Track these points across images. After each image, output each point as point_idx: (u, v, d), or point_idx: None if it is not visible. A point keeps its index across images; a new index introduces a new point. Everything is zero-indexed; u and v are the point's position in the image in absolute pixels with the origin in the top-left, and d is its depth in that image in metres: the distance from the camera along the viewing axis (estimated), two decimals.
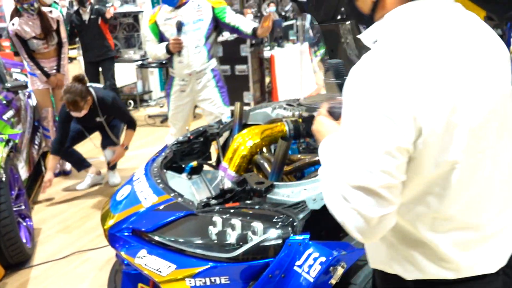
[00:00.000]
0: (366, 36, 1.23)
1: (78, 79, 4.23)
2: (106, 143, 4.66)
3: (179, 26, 3.98)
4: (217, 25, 4.12)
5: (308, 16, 3.73)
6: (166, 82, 4.41)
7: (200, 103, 4.27)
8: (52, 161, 4.50)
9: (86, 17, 6.62)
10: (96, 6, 6.71)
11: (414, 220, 1.19)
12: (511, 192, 1.25)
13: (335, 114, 1.37)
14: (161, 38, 4.14)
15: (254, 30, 4.01)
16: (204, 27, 4.05)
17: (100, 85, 4.56)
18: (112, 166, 4.88)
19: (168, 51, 4.03)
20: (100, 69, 6.98)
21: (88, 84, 4.43)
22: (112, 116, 4.58)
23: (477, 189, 1.18)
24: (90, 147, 5.00)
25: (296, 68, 8.10)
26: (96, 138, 4.77)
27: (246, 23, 4.10)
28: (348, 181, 1.10)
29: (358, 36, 1.28)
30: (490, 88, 1.15)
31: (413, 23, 1.14)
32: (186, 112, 4.31)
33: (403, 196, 1.13)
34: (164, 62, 5.27)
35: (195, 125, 4.28)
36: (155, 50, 4.14)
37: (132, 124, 4.54)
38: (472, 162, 1.15)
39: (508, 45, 1.99)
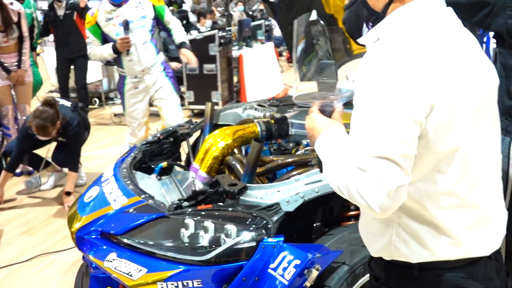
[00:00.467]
0: (369, 35, 1.33)
1: (49, 103, 4.02)
2: (58, 156, 4.43)
3: (126, 25, 3.97)
4: (158, 21, 4.21)
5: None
6: (118, 82, 4.40)
7: (154, 94, 4.27)
8: (4, 178, 4.34)
9: (61, 12, 6.48)
10: (72, 1, 6.53)
11: (422, 198, 1.25)
12: (499, 181, 1.37)
13: (326, 112, 1.41)
14: (104, 38, 4.13)
15: (180, 45, 4.24)
16: (148, 24, 4.11)
17: (68, 104, 4.37)
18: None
19: (115, 51, 4.02)
20: (73, 66, 6.83)
21: (57, 99, 4.29)
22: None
23: (478, 170, 1.28)
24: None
25: (265, 68, 8.11)
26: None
27: (178, 31, 4.26)
28: (369, 151, 1.15)
29: (359, 40, 1.41)
30: (483, 80, 1.28)
31: (415, 20, 1.25)
32: (142, 109, 4.30)
33: (413, 174, 1.19)
34: (110, 61, 5.19)
35: (155, 125, 4.27)
36: (100, 51, 4.11)
37: (75, 166, 4.34)
38: (473, 144, 1.25)
39: None
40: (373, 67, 1.20)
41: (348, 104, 3.35)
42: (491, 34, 2.20)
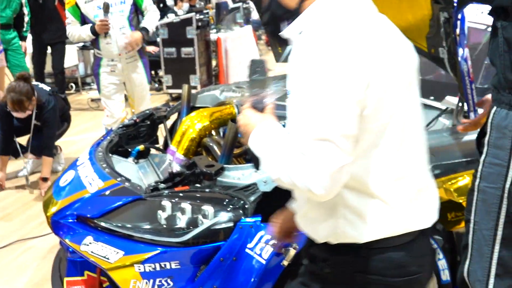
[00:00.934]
0: (291, 29, 1.34)
1: (23, 77, 3.95)
2: (35, 143, 4.31)
3: (107, 8, 4.00)
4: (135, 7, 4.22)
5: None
6: (93, 63, 4.39)
7: (127, 79, 4.30)
8: (2, 161, 4.31)
9: None
10: None
11: (364, 175, 1.28)
12: (426, 153, 1.42)
13: (258, 109, 1.43)
14: (83, 20, 4.14)
15: (141, 29, 4.22)
16: (126, 9, 4.14)
17: (47, 88, 4.30)
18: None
19: (94, 32, 4.04)
20: (50, 51, 6.71)
21: (34, 83, 4.21)
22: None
23: (411, 142, 1.34)
24: None
25: (243, 51, 8.05)
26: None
27: (150, 17, 4.28)
28: (308, 135, 1.17)
29: (281, 33, 1.39)
30: (407, 58, 1.34)
31: (337, 8, 1.28)
32: (118, 89, 4.31)
33: (354, 153, 1.22)
34: (86, 45, 5.11)
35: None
36: (79, 32, 4.14)
37: (49, 151, 4.26)
38: (405, 118, 1.31)
39: (454, 28, 2.02)
40: (305, 54, 1.21)
41: None
42: (468, 10, 2.19)
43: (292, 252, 1.84)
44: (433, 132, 2.33)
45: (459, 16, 1.81)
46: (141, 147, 2.92)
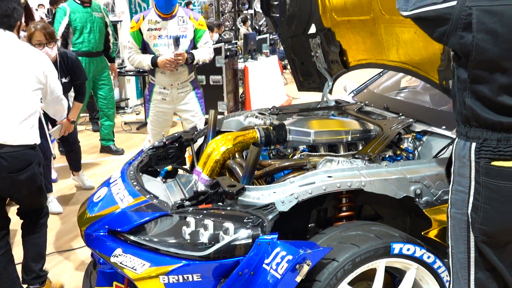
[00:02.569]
0: None
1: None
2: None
3: (177, 41, 3.95)
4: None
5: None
6: (146, 88, 4.39)
7: (180, 112, 4.30)
8: (76, 108, 4.00)
9: None
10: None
11: None
12: None
13: None
14: (143, 46, 4.14)
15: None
16: (186, 44, 4.11)
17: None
18: (76, 167, 4.70)
19: (154, 64, 4.01)
20: None
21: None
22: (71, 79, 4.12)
23: None
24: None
25: (269, 80, 8.18)
26: None
27: (202, 50, 4.18)
28: None
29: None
30: None
31: None
32: (166, 119, 4.31)
33: None
34: (122, 70, 5.11)
35: (172, 132, 4.30)
36: (140, 59, 4.11)
37: (81, 95, 4.11)
38: None
39: None
40: None
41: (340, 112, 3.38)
42: None
43: (305, 268, 1.90)
44: (444, 160, 2.37)
45: None
46: (169, 167, 3.02)
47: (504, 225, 1.75)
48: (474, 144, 1.76)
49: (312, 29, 3.59)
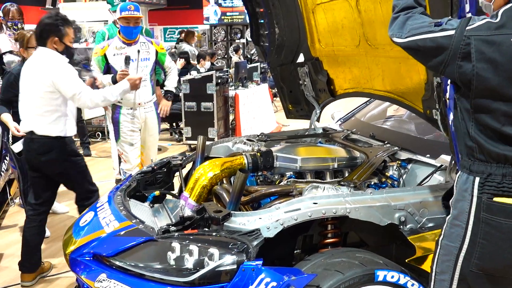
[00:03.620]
0: None
1: None
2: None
3: (127, 60, 4.35)
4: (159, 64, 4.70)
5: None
6: (111, 111, 4.64)
7: (144, 128, 4.61)
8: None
9: None
10: None
11: None
12: None
13: None
14: (105, 70, 4.50)
15: (166, 92, 4.79)
16: (149, 66, 4.57)
17: None
18: None
19: (114, 81, 4.31)
20: None
21: None
22: None
23: None
24: None
25: (258, 107, 8.22)
26: None
27: (172, 78, 4.79)
28: None
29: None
30: None
31: None
32: (137, 135, 4.57)
33: None
34: None
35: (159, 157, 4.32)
36: (101, 78, 4.46)
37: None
38: None
39: (444, 92, 2.10)
40: None
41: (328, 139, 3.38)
42: None
43: None
44: (428, 188, 2.38)
45: (448, 82, 1.90)
46: (156, 192, 3.00)
47: (504, 261, 1.72)
48: (477, 179, 1.72)
49: (301, 58, 3.63)
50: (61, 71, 3.29)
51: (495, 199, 1.68)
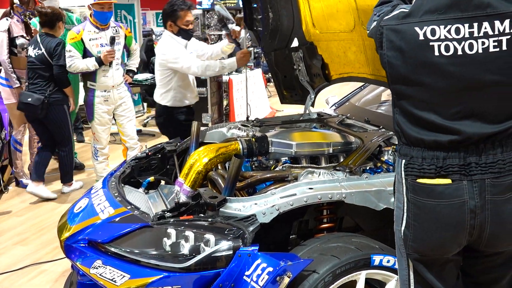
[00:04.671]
0: None
1: None
2: None
3: (113, 40, 4.68)
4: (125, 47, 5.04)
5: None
6: (86, 94, 4.81)
7: (117, 108, 4.89)
8: None
9: None
10: None
11: None
12: None
13: None
14: (84, 54, 4.63)
15: (128, 71, 5.18)
16: (120, 49, 4.90)
17: None
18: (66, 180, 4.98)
19: (100, 62, 4.59)
20: None
21: None
22: None
23: None
24: None
25: (252, 93, 8.18)
26: None
27: (134, 60, 5.26)
28: None
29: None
30: None
31: None
32: (109, 117, 4.88)
33: None
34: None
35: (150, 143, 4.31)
36: (84, 63, 4.59)
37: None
38: None
39: None
40: None
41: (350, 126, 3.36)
42: None
43: (286, 280, 1.88)
44: None
45: None
46: (151, 178, 2.99)
47: (432, 243, 1.73)
48: (403, 161, 1.76)
49: (295, 43, 3.59)
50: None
51: (418, 180, 1.71)
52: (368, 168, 2.65)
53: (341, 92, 4.08)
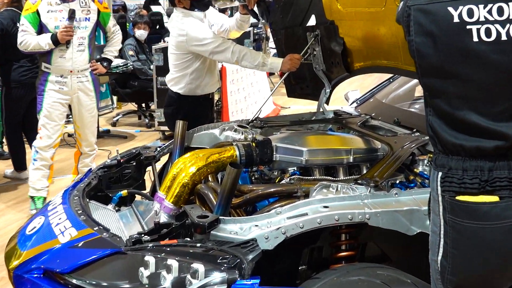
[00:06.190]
0: None
1: None
2: None
3: (72, 14, 4.56)
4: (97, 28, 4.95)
5: None
6: (38, 78, 4.82)
7: (75, 101, 4.83)
8: None
9: None
10: None
11: None
12: None
13: None
14: (39, 30, 4.62)
15: (102, 59, 5.11)
16: (89, 27, 4.79)
17: None
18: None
19: (55, 41, 4.53)
20: None
21: None
22: None
23: None
24: None
25: (251, 84, 8.20)
26: None
27: (113, 46, 5.15)
28: None
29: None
30: None
31: None
32: (62, 111, 4.81)
33: None
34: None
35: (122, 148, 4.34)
36: (36, 40, 4.56)
37: None
38: None
39: None
40: None
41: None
42: None
43: None
44: None
45: None
46: (124, 192, 3.00)
47: (475, 276, 1.76)
48: (439, 174, 1.77)
49: (312, 21, 3.60)
50: None
51: (458, 197, 1.72)
52: (398, 182, 2.67)
53: (363, 86, 4.11)
